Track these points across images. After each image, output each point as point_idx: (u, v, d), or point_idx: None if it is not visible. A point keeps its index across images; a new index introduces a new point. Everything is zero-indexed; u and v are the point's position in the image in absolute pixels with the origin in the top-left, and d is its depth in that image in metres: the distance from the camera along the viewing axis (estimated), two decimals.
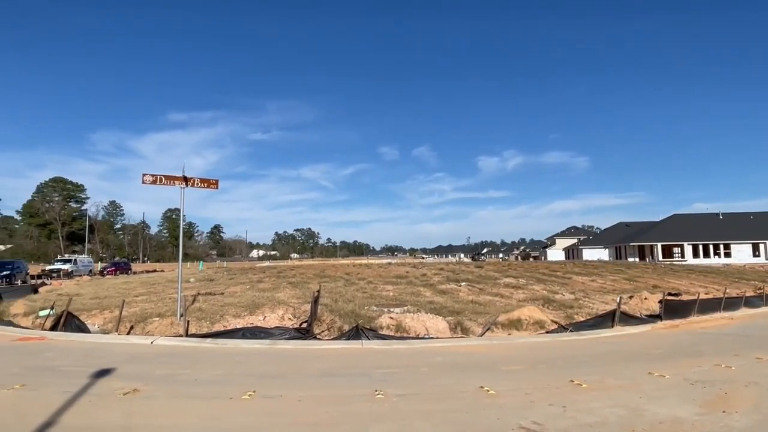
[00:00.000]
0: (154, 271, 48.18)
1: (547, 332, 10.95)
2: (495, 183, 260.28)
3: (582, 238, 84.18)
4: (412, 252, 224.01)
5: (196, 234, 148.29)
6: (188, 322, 10.58)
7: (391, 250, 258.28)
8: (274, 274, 22.42)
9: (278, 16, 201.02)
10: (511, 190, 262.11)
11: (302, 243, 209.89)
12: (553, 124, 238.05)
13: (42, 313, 12.10)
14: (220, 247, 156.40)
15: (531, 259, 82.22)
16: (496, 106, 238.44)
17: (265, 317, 11.41)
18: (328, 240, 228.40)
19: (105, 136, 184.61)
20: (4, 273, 29.94)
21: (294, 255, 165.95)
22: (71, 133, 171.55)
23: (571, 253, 77.01)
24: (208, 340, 9.65)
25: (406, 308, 12.40)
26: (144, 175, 11.62)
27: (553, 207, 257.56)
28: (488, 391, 5.85)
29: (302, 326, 10.63)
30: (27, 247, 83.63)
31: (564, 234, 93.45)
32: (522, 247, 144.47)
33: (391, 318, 11.19)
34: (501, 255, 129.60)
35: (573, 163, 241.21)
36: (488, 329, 10.69)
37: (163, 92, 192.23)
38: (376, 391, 5.85)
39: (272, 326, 10.62)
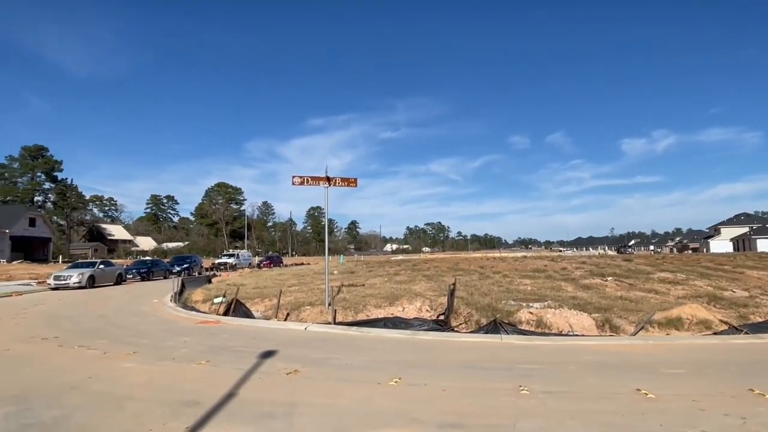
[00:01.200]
0: (301, 264, 52.60)
1: (714, 333, 9.67)
2: (642, 167, 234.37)
3: (755, 226, 72.13)
4: (548, 245, 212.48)
5: (335, 230, 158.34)
6: (335, 311, 11.42)
7: (524, 243, 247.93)
8: (409, 267, 23.05)
9: (401, 13, 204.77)
10: (663, 175, 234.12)
11: (433, 237, 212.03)
12: (715, 97, 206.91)
13: (216, 300, 14.04)
14: (357, 241, 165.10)
15: (689, 251, 72.79)
16: (641, 84, 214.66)
17: (403, 308, 11.83)
18: (459, 233, 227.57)
19: (257, 144, 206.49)
20: (185, 266, 35.32)
21: (425, 249, 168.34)
22: (230, 144, 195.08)
23: (742, 243, 66.55)
24: (354, 328, 10.33)
25: (546, 303, 11.90)
26: (293, 177, 12.80)
27: (715, 192, 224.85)
28: (646, 394, 5.40)
29: (440, 318, 10.82)
30: (200, 244, 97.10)
31: (732, 222, 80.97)
32: (677, 238, 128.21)
33: (531, 313, 10.83)
34: (652, 247, 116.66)
35: (741, 140, 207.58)
36: (642, 328, 9.77)
37: (305, 100, 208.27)
38: (520, 386, 5.75)
39: (411, 317, 10.99)
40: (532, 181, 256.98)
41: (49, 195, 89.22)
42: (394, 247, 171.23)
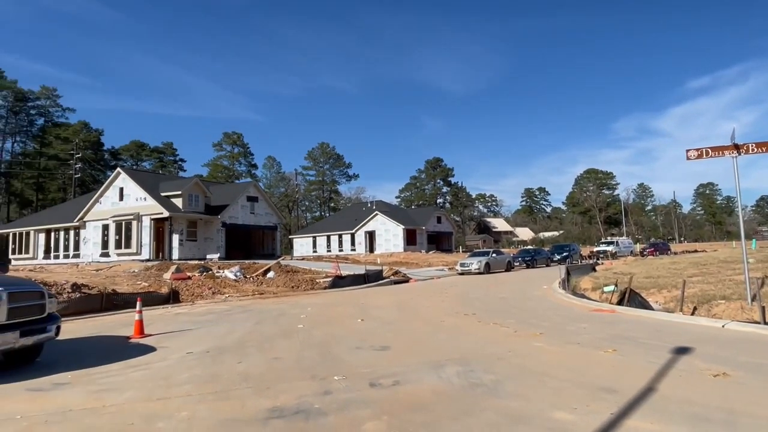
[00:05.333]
0: (695, 251, 45.25)
1: None
2: None
3: None
4: None
5: (735, 208, 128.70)
6: (764, 307, 9.28)
7: None
8: None
9: None
10: None
11: None
12: None
13: (606, 289, 13.73)
14: None
15: None
16: None
17: None
18: None
19: (625, 123, 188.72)
20: (564, 254, 36.08)
21: None
22: (596, 128, 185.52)
23: None
24: None
25: None
26: (688, 151, 11.21)
27: None
28: None
29: None
30: (574, 232, 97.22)
31: None
32: None
33: None
34: None
35: None
36: None
37: (679, 61, 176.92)
38: None
39: None
40: None
41: (447, 197, 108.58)
42: None
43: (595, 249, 44.94)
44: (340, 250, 58.87)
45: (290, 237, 68.28)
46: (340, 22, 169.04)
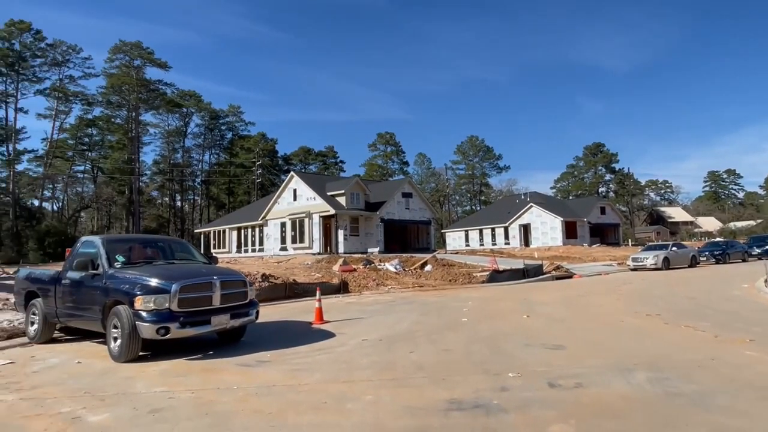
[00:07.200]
0: None
1: None
2: None
3: None
4: None
5: None
6: None
7: None
8: None
9: None
10: None
11: None
12: None
13: None
14: None
15: None
16: None
17: None
18: None
19: None
20: (767, 247, 30.37)
21: None
22: None
23: None
24: None
25: None
26: None
27: None
28: None
29: None
30: None
31: None
32: None
33: None
34: None
35: None
36: None
37: None
38: None
39: None
40: None
41: (610, 185, 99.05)
42: None
43: None
44: (494, 244, 57.58)
45: (442, 231, 68.96)
46: (485, 10, 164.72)
